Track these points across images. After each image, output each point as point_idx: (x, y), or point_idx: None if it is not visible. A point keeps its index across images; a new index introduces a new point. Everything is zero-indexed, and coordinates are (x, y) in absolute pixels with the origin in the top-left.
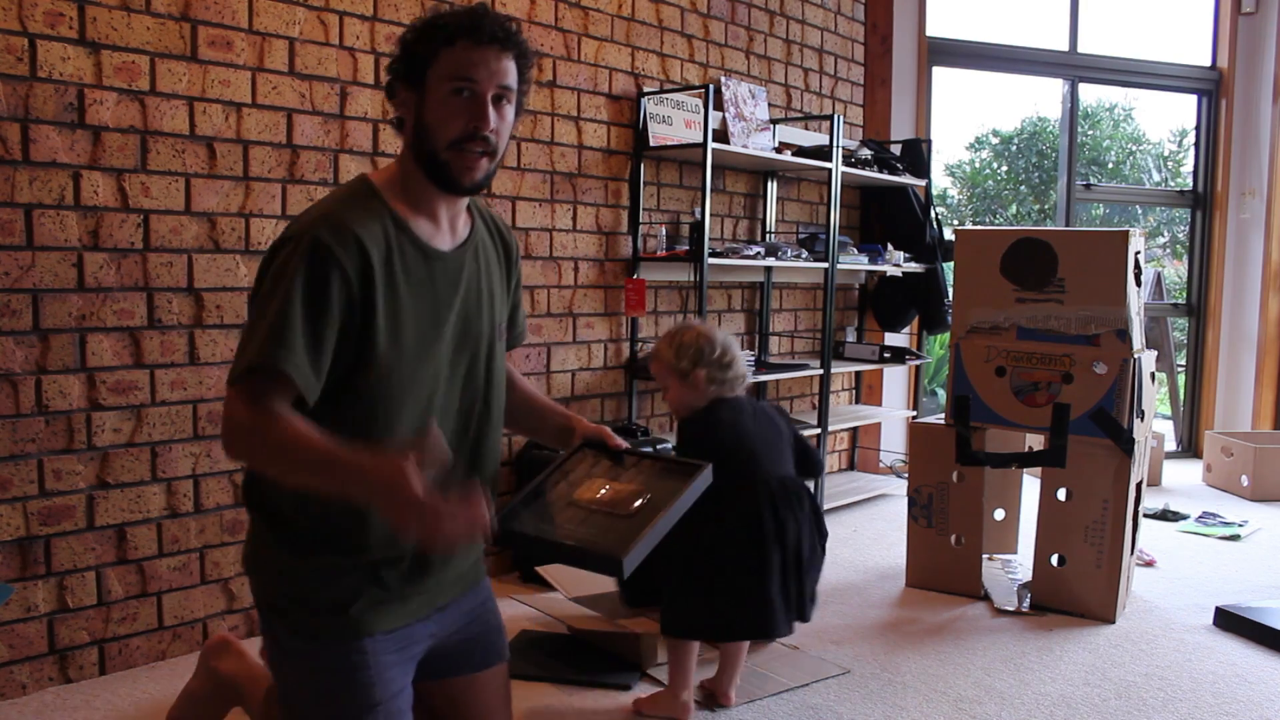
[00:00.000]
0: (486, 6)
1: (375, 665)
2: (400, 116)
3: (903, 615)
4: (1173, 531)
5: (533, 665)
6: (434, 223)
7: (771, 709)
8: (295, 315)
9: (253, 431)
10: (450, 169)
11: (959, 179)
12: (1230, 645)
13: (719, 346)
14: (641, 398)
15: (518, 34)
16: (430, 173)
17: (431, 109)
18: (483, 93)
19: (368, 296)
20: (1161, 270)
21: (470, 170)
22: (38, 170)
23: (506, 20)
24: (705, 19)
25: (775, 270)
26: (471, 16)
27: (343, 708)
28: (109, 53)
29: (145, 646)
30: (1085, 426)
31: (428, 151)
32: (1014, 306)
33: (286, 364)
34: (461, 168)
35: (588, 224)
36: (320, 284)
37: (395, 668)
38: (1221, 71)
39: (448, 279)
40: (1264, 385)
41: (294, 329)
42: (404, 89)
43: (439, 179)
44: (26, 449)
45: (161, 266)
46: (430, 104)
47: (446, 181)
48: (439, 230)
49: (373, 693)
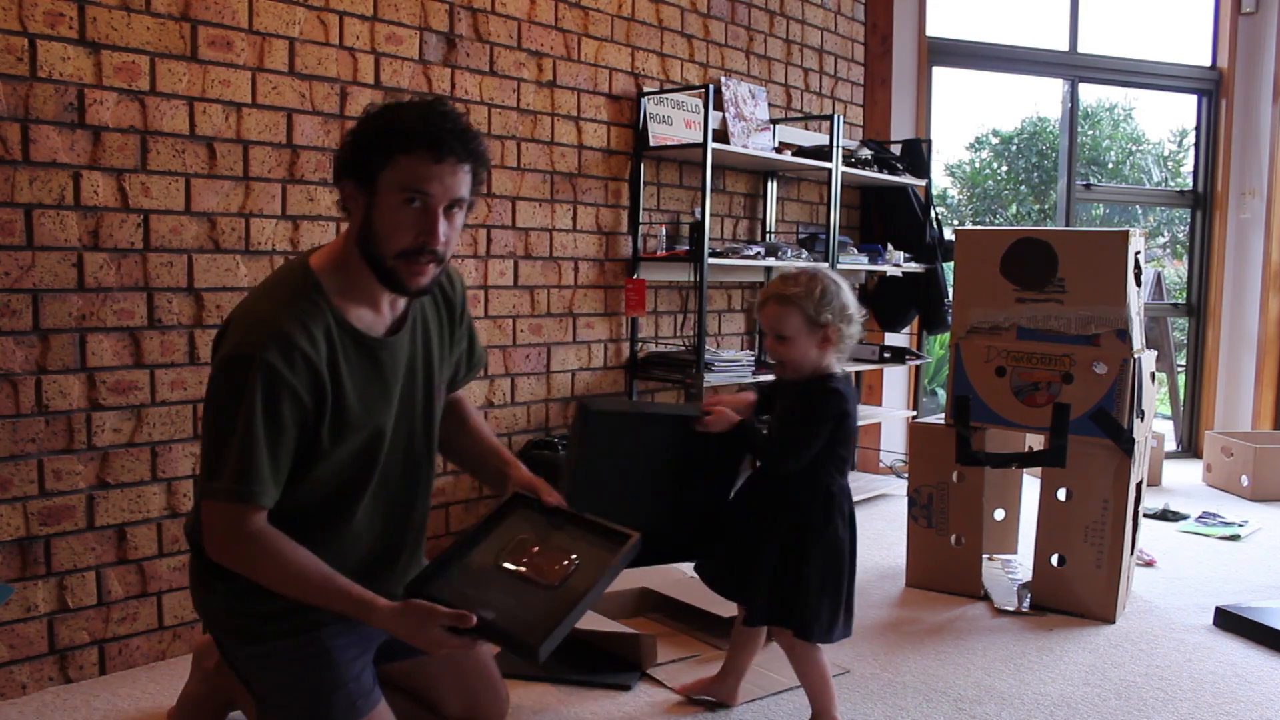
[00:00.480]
0: (445, 107)
1: (333, 650)
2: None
3: (903, 615)
4: (1173, 531)
5: (532, 665)
6: (375, 310)
7: (772, 709)
8: (258, 442)
9: (238, 555)
10: (397, 275)
11: (959, 179)
12: (1230, 645)
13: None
14: (641, 398)
15: (476, 142)
16: (376, 274)
17: (382, 214)
18: (435, 206)
19: (319, 403)
20: (1161, 270)
21: (417, 277)
22: (38, 170)
23: (464, 123)
24: (705, 19)
25: (775, 270)
26: (429, 125)
27: (311, 691)
28: (109, 53)
29: (145, 647)
30: (1085, 426)
31: (375, 255)
32: (1014, 306)
33: (260, 497)
34: (409, 275)
35: (588, 224)
36: (275, 408)
37: (353, 648)
38: (1221, 71)
39: (392, 364)
40: (1264, 385)
41: (259, 457)
42: (352, 185)
43: (385, 281)
44: (26, 449)
45: (161, 266)
46: (381, 209)
47: (394, 286)
48: (380, 317)
49: (337, 673)
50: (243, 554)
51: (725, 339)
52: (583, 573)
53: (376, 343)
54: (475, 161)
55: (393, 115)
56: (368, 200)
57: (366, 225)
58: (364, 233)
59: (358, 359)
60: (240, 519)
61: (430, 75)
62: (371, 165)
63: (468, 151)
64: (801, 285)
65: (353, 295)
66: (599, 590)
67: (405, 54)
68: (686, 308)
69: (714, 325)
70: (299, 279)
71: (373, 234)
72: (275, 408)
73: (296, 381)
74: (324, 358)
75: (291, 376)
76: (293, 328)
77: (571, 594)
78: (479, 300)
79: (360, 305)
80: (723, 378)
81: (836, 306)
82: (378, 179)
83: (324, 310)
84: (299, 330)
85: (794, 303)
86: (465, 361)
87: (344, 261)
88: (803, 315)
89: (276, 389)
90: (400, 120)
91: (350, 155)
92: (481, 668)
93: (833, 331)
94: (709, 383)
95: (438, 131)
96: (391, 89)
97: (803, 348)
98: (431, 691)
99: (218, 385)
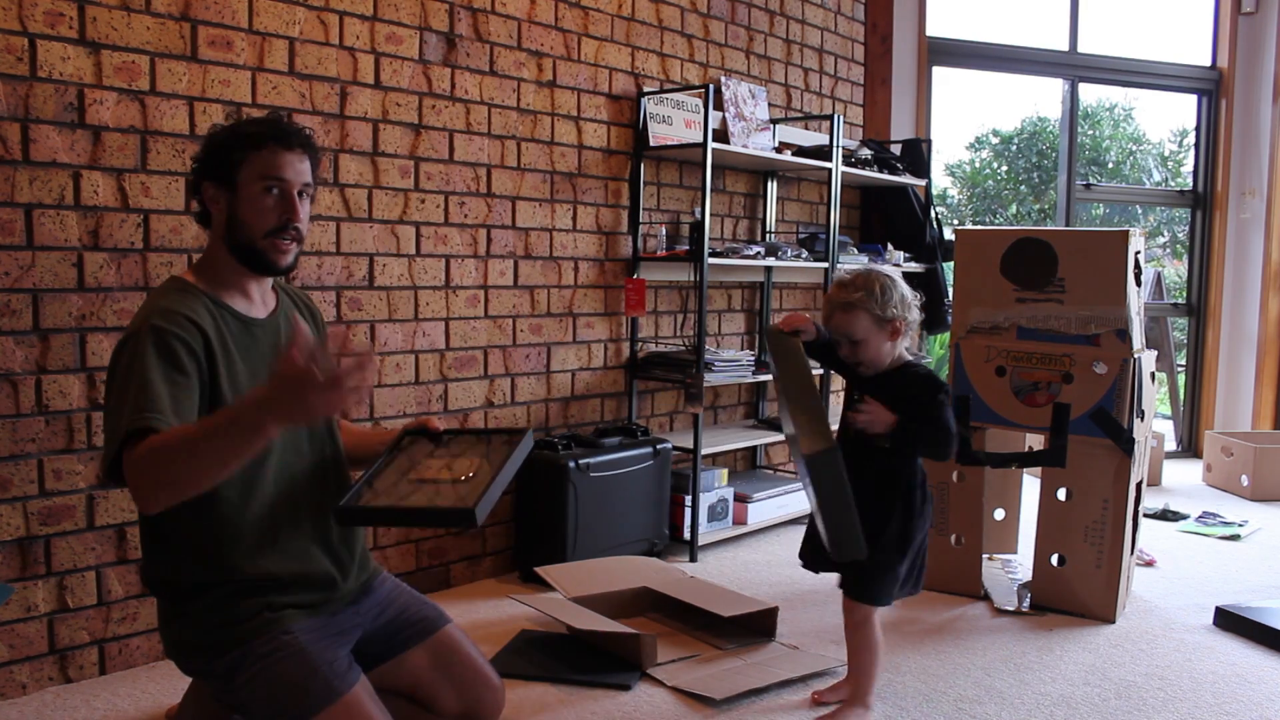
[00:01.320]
0: (281, 114)
1: (306, 641)
2: (205, 211)
3: (903, 615)
4: (1173, 531)
5: (532, 665)
6: (247, 299)
7: (772, 709)
8: (154, 381)
9: (143, 468)
10: (266, 255)
11: (959, 179)
12: (1230, 645)
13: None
14: (641, 397)
15: (312, 138)
16: (245, 259)
17: (245, 204)
18: (290, 190)
19: (211, 363)
20: (1161, 270)
21: (283, 254)
22: (38, 170)
23: (299, 124)
24: (705, 19)
25: (775, 270)
26: (276, 125)
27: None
28: (109, 53)
29: (145, 646)
30: (1085, 426)
31: (243, 241)
32: (1014, 306)
33: (154, 421)
34: (275, 253)
35: (588, 224)
36: (168, 354)
37: (325, 639)
38: (1221, 71)
39: (270, 341)
40: (1264, 385)
41: (155, 392)
42: (213, 187)
43: (254, 264)
44: (26, 449)
45: (161, 266)
46: (243, 200)
47: (263, 265)
48: (253, 304)
49: (310, 660)
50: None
51: (725, 339)
52: (493, 462)
53: (253, 321)
54: (314, 153)
55: (241, 124)
56: (229, 196)
57: (232, 219)
58: (230, 226)
59: (240, 334)
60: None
61: (430, 75)
62: (230, 166)
63: (308, 143)
64: (861, 288)
65: (224, 287)
66: (513, 466)
67: (405, 54)
68: (686, 308)
69: (714, 325)
70: (171, 285)
71: (239, 223)
72: (168, 353)
73: (186, 334)
74: (209, 325)
75: (180, 330)
76: (170, 304)
77: (491, 468)
78: (479, 300)
79: (233, 293)
80: (723, 377)
81: (897, 299)
82: (238, 175)
83: (201, 297)
84: (180, 304)
85: (858, 306)
86: None
87: (209, 262)
88: (870, 316)
89: (167, 340)
90: (248, 125)
91: (208, 160)
92: (475, 665)
93: (900, 324)
94: (709, 382)
95: (281, 128)
96: (391, 89)
97: (875, 346)
98: (426, 691)
99: (112, 367)
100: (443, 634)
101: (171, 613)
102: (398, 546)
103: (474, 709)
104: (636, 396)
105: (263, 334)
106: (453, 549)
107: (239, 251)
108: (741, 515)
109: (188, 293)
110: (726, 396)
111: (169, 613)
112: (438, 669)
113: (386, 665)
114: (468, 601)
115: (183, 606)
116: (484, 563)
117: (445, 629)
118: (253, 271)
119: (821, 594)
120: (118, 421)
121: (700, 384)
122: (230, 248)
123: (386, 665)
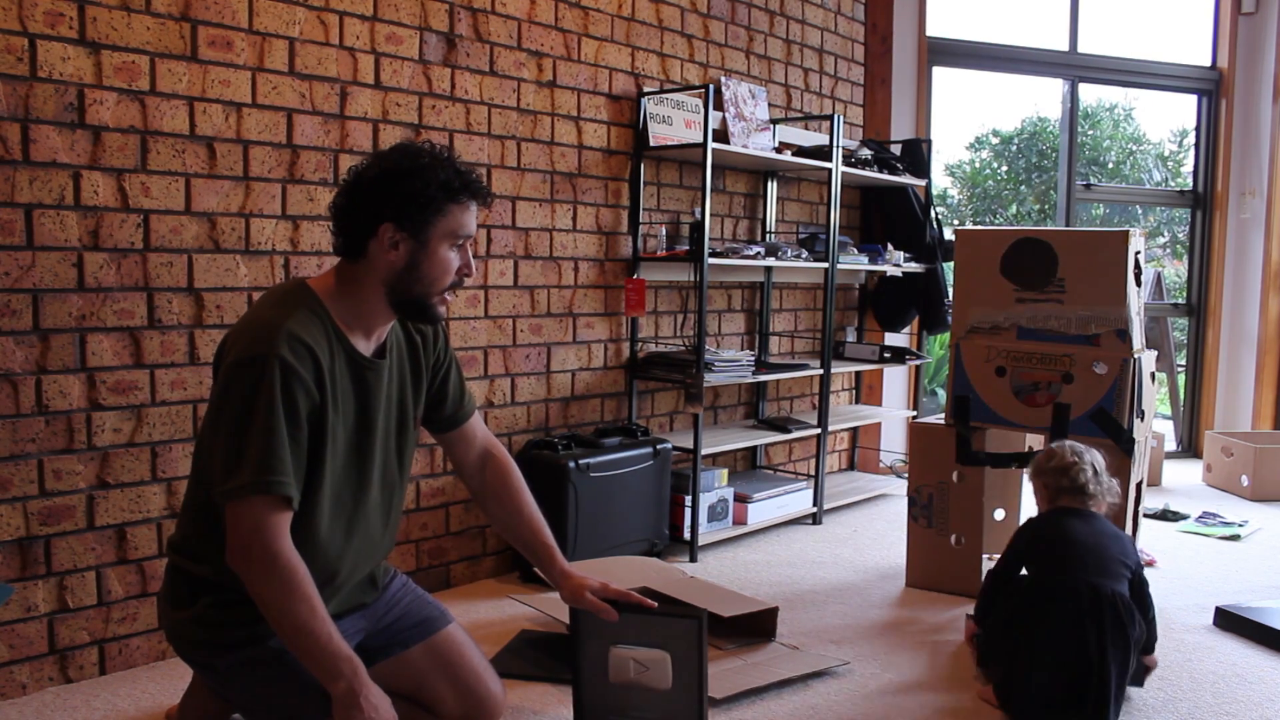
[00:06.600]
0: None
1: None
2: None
3: (903, 615)
4: (1173, 531)
5: (532, 665)
6: (368, 339)
7: (772, 709)
8: (279, 435)
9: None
10: (434, 310)
11: (959, 179)
12: (1230, 645)
13: (1061, 458)
14: (641, 397)
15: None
16: (405, 308)
17: (432, 260)
18: (469, 246)
19: (322, 401)
20: (1161, 270)
21: (446, 306)
22: (38, 170)
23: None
24: (705, 19)
25: (775, 270)
26: (465, 176)
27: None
28: (109, 53)
29: (145, 646)
30: (1085, 426)
31: (416, 294)
32: (1014, 306)
33: (284, 488)
34: (441, 306)
35: (588, 224)
36: (291, 401)
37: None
38: (1221, 71)
39: (377, 384)
40: (1264, 385)
41: (282, 448)
42: (397, 231)
43: (414, 314)
44: (26, 449)
45: (161, 266)
46: (432, 255)
47: (425, 318)
48: (369, 342)
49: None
50: (261, 559)
51: (725, 339)
52: (684, 665)
53: (366, 361)
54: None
55: (435, 168)
56: (415, 247)
57: (413, 269)
58: (407, 275)
59: (349, 373)
60: (265, 513)
61: (430, 75)
62: (426, 216)
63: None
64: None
65: (354, 322)
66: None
67: (405, 54)
68: (686, 308)
69: (714, 325)
70: (302, 294)
71: (419, 276)
72: (291, 400)
73: (307, 374)
74: (325, 359)
75: (302, 369)
76: (298, 328)
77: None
78: (479, 300)
79: (356, 331)
80: (723, 378)
81: (1033, 466)
82: (431, 228)
83: (325, 323)
84: (304, 330)
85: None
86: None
87: (351, 293)
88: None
89: (291, 382)
90: (444, 173)
91: (400, 204)
92: (475, 666)
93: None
94: (709, 382)
95: (473, 181)
96: (391, 89)
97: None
98: (427, 692)
99: (232, 387)
100: (444, 634)
101: (185, 596)
102: (397, 546)
103: (474, 711)
104: (636, 396)
105: (373, 378)
106: (453, 549)
107: (403, 301)
108: (741, 515)
109: (316, 315)
110: (726, 396)
111: (182, 595)
112: (437, 669)
113: (386, 664)
114: (468, 601)
115: (200, 595)
116: (484, 563)
117: (446, 629)
118: (407, 319)
119: (822, 594)
120: (237, 460)
121: (700, 384)
122: (393, 292)
123: (386, 664)
